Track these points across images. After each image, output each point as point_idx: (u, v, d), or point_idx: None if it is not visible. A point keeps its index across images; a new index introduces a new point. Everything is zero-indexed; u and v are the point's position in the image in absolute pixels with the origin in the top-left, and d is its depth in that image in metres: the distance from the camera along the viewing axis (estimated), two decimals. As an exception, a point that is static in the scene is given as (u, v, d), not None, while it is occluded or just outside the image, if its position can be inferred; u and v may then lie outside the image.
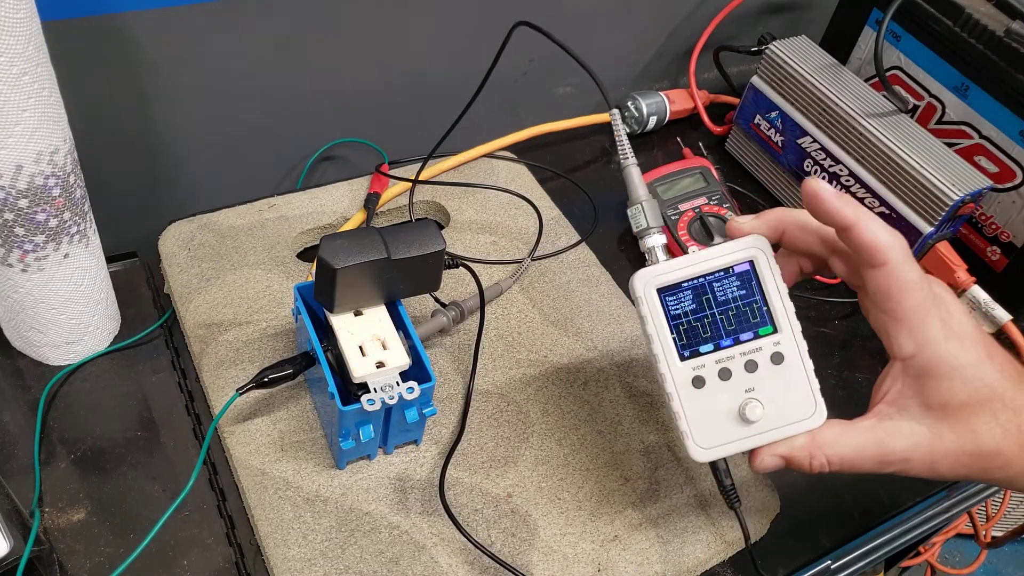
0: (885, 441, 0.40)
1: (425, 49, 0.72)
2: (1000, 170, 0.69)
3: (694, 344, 0.42)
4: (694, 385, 0.42)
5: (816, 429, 0.42)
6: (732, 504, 0.44)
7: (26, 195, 0.45)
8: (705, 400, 0.42)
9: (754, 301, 0.42)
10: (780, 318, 0.42)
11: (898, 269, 0.40)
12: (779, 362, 0.42)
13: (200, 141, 0.67)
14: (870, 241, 0.40)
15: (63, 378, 0.55)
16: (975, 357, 0.40)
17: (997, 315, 0.63)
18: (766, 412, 0.41)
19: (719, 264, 0.42)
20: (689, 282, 0.42)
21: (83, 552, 0.47)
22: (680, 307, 0.42)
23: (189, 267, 0.60)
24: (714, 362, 0.42)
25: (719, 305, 0.42)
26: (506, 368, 0.58)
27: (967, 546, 1.37)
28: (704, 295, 0.42)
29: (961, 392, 0.39)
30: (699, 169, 0.70)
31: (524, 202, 0.69)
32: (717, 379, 0.42)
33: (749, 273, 0.42)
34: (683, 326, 0.42)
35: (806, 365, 0.42)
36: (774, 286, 0.42)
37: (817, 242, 0.44)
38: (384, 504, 0.50)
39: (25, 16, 0.41)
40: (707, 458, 0.42)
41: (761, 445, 0.42)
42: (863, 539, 0.56)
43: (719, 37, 0.83)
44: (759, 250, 0.42)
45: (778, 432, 0.42)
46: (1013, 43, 0.65)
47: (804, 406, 0.42)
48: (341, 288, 0.47)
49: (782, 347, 0.42)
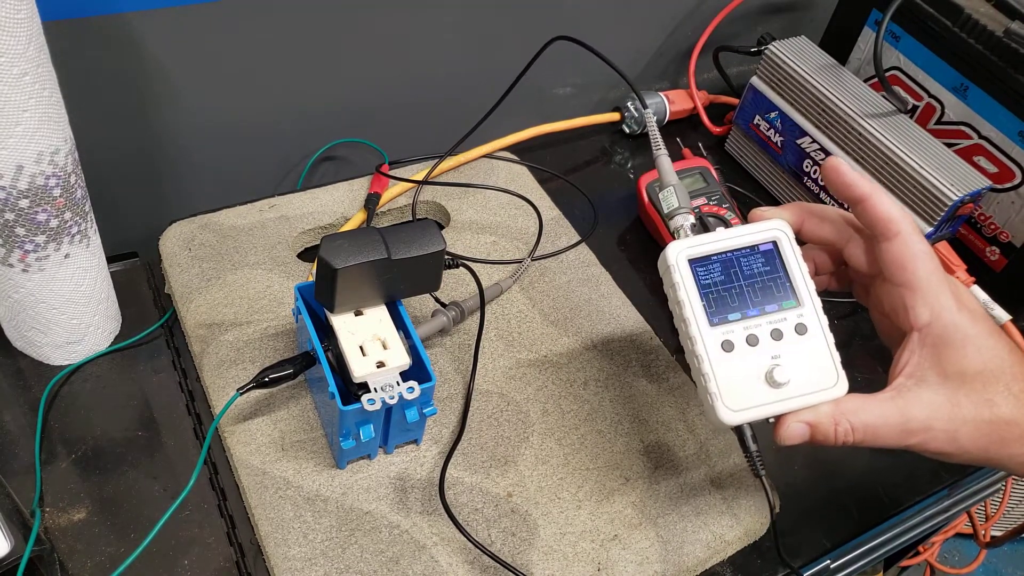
0: (906, 409, 0.41)
1: (425, 50, 0.72)
2: (999, 170, 0.69)
3: (723, 312, 0.44)
4: (723, 348, 0.43)
5: (840, 398, 0.43)
6: (758, 472, 0.44)
7: (27, 195, 0.45)
8: (734, 363, 0.43)
9: (778, 276, 0.45)
10: (802, 293, 0.44)
11: (910, 239, 0.42)
12: (803, 332, 0.44)
13: (200, 141, 0.67)
14: (884, 212, 0.43)
15: (64, 378, 0.55)
16: (985, 330, 0.42)
17: (996, 315, 0.63)
18: (792, 378, 0.43)
19: (746, 242, 0.45)
20: (718, 255, 0.45)
21: (84, 552, 0.47)
22: (710, 277, 0.44)
23: (190, 267, 0.60)
24: (742, 328, 0.44)
25: (746, 278, 0.44)
26: (506, 368, 0.58)
27: (966, 546, 1.37)
28: (732, 268, 0.44)
29: (976, 360, 0.41)
30: (699, 169, 0.70)
31: (524, 202, 0.69)
32: (745, 344, 0.43)
33: (773, 252, 0.45)
34: (712, 295, 0.44)
35: (828, 338, 0.44)
36: (796, 265, 0.45)
37: (833, 231, 0.46)
38: (384, 504, 0.50)
39: (26, 16, 0.41)
40: (736, 421, 0.43)
41: (786, 412, 0.43)
42: (862, 538, 0.56)
43: (719, 37, 0.83)
44: (782, 232, 0.45)
45: (803, 400, 0.43)
46: (1012, 43, 0.65)
47: (827, 376, 0.43)
48: (341, 288, 0.47)
49: (805, 319, 0.44)
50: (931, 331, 0.42)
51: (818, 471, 0.58)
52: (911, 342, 0.43)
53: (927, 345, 0.42)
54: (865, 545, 0.56)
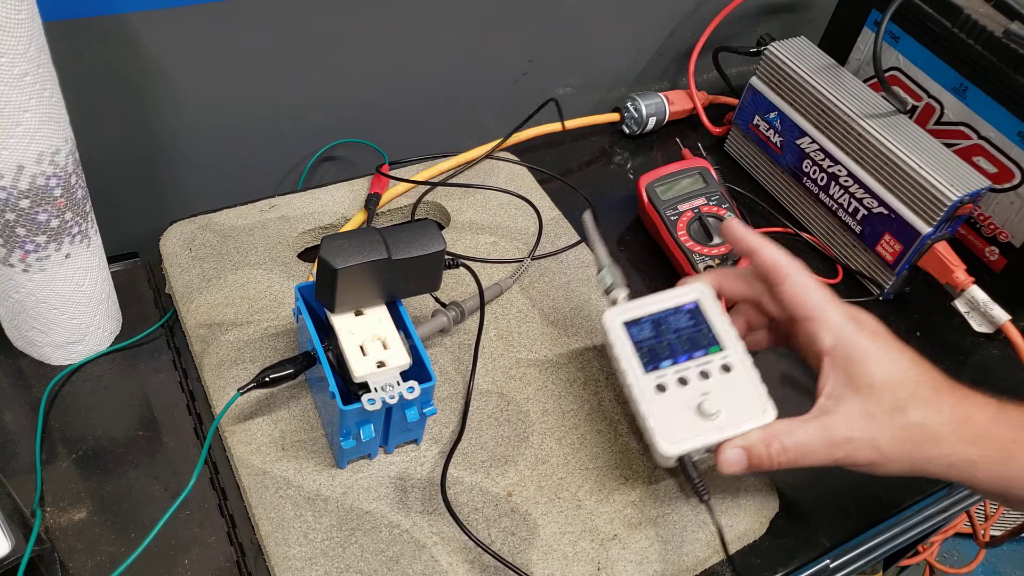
0: (828, 425, 0.45)
1: (426, 50, 0.72)
2: (999, 170, 0.69)
3: (655, 360, 0.50)
4: (658, 390, 0.49)
5: (768, 423, 0.48)
6: (702, 498, 0.48)
7: (27, 195, 0.45)
8: (668, 402, 0.49)
9: (702, 328, 0.51)
10: (725, 339, 0.51)
11: (798, 276, 0.49)
12: (728, 371, 0.50)
13: (201, 141, 0.67)
14: (771, 260, 0.49)
15: (64, 378, 0.55)
16: (886, 345, 0.46)
17: (996, 315, 0.63)
18: (721, 410, 0.48)
19: (671, 304, 0.52)
20: (648, 316, 0.52)
21: (84, 551, 0.47)
22: (642, 334, 0.51)
23: (190, 267, 0.60)
24: (673, 372, 0.50)
25: (674, 332, 0.51)
26: (506, 368, 0.58)
27: (966, 545, 1.37)
28: (661, 325, 0.52)
29: (881, 372, 0.45)
30: (698, 170, 0.70)
31: (524, 202, 0.69)
32: (677, 385, 0.50)
33: (696, 309, 0.52)
34: (645, 347, 0.51)
35: (752, 374, 0.50)
36: (718, 316, 0.51)
37: (748, 287, 0.52)
38: (384, 503, 0.50)
39: (26, 17, 0.41)
40: (676, 451, 0.48)
41: (721, 440, 0.47)
42: (862, 538, 0.56)
43: (718, 38, 0.83)
44: (701, 292, 0.53)
45: (735, 429, 0.48)
46: (1012, 44, 0.65)
47: (755, 406, 0.48)
48: (342, 288, 0.47)
49: (730, 360, 0.50)
50: (837, 353, 0.46)
51: (818, 471, 0.57)
52: (824, 366, 0.47)
53: (837, 366, 0.46)
54: (864, 545, 0.56)
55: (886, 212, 0.67)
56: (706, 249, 0.66)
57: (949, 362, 0.67)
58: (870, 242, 0.69)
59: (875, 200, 0.67)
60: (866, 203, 0.68)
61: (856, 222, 0.69)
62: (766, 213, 0.76)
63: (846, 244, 0.72)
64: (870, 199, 0.68)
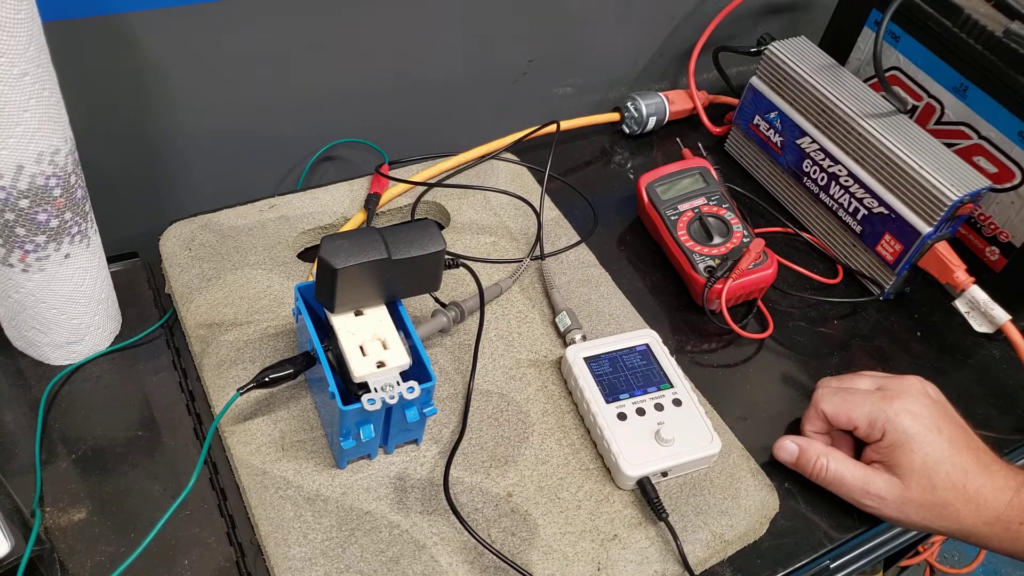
0: (871, 480, 0.53)
1: (425, 49, 0.72)
2: (999, 170, 0.69)
3: (615, 392, 0.56)
4: (619, 418, 0.54)
5: (832, 448, 0.56)
6: (661, 516, 0.51)
7: (27, 195, 0.45)
8: (629, 429, 0.54)
9: (653, 367, 0.58)
10: (673, 378, 0.57)
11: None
12: (679, 405, 0.56)
13: (201, 141, 0.67)
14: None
15: (64, 378, 0.55)
16: (925, 427, 0.53)
17: (996, 315, 0.63)
18: (676, 437, 0.54)
19: (625, 345, 0.59)
20: (606, 354, 0.58)
21: (84, 551, 0.47)
22: (601, 369, 0.57)
23: (190, 267, 0.60)
24: (631, 403, 0.56)
25: (629, 369, 0.58)
26: (506, 368, 0.58)
27: (966, 545, 1.37)
28: (618, 363, 0.58)
29: (919, 456, 0.52)
30: (698, 170, 0.70)
31: (524, 202, 0.69)
32: (635, 415, 0.55)
33: (647, 351, 0.59)
34: (605, 381, 0.56)
35: (699, 409, 0.56)
36: (665, 358, 0.58)
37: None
38: (384, 503, 0.50)
39: (26, 17, 0.41)
40: (638, 473, 0.52)
41: (676, 465, 0.53)
42: (862, 538, 0.56)
43: (718, 37, 0.83)
44: (651, 338, 0.60)
45: (688, 456, 0.53)
46: (1012, 43, 0.65)
47: (702, 437, 0.54)
48: (342, 288, 0.47)
49: (679, 396, 0.56)
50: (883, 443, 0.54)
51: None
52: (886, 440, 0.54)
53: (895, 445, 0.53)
54: (864, 545, 0.56)
55: (886, 212, 0.67)
56: (706, 249, 0.66)
57: (949, 362, 0.67)
58: (870, 242, 0.69)
59: (875, 200, 0.67)
60: (866, 203, 0.68)
61: (856, 222, 0.69)
62: (766, 213, 0.76)
63: (846, 244, 0.72)
64: (870, 199, 0.68)
